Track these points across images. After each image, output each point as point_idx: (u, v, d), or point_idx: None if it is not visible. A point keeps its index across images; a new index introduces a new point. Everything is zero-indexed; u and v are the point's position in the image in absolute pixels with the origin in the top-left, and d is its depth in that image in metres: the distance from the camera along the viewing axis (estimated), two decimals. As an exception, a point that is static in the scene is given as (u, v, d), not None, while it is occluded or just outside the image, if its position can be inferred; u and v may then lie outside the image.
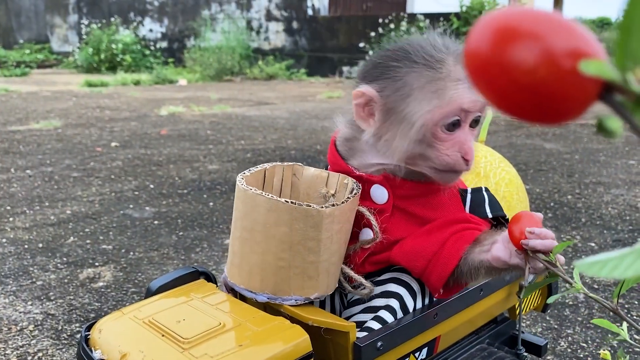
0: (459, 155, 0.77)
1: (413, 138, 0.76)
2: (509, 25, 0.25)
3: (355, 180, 0.83)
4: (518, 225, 0.72)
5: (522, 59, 0.24)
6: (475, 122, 0.78)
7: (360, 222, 0.84)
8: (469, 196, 0.87)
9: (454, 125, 0.76)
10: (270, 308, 0.79)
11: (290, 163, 0.89)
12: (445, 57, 0.75)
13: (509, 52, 0.24)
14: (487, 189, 0.88)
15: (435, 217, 0.83)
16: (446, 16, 8.87)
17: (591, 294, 0.58)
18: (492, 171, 1.04)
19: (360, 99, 0.79)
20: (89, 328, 0.75)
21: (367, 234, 0.85)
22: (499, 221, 0.89)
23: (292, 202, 0.73)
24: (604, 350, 1.44)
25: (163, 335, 0.70)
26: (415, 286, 0.85)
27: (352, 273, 0.83)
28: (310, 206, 0.73)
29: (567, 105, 0.24)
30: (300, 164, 0.89)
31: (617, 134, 0.24)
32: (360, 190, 0.81)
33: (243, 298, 0.80)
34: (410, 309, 0.84)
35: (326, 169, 0.93)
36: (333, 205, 0.75)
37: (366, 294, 0.83)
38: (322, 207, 0.74)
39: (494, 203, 0.87)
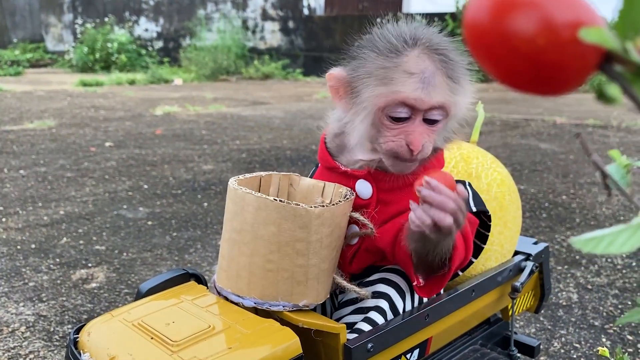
0: (404, 143, 0.77)
1: (366, 120, 0.79)
2: None
3: (349, 189, 0.83)
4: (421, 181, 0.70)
5: (522, 27, 0.24)
6: (430, 121, 0.77)
7: (350, 223, 0.84)
8: None
9: (400, 119, 0.77)
10: (261, 310, 0.78)
11: (286, 173, 0.89)
12: (404, 47, 0.76)
13: (508, 21, 0.24)
14: (469, 184, 0.88)
15: None
16: (442, 16, 8.88)
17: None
18: (483, 172, 1.04)
19: (331, 81, 0.83)
20: (77, 330, 0.75)
21: (354, 229, 0.85)
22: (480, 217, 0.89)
23: (280, 201, 0.73)
24: (602, 347, 1.44)
25: (152, 338, 0.69)
26: (404, 286, 0.85)
27: (345, 283, 0.82)
28: (299, 205, 0.73)
29: (566, 74, 0.24)
30: (297, 174, 0.90)
31: (617, 101, 0.24)
32: (353, 196, 0.81)
33: (235, 303, 0.79)
34: (400, 310, 0.84)
35: (317, 167, 0.94)
36: (323, 206, 0.74)
37: (363, 295, 0.83)
38: (311, 207, 0.73)
39: (477, 198, 0.88)
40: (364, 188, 0.85)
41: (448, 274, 0.81)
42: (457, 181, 0.87)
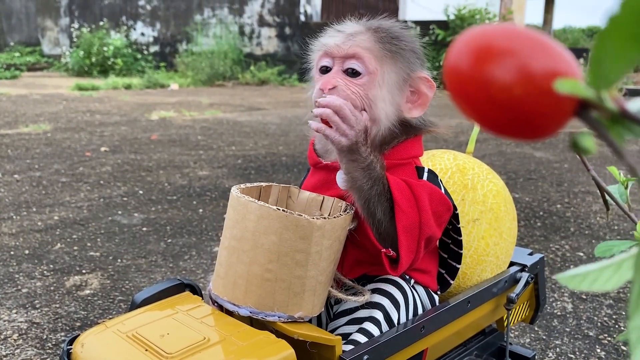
0: (317, 88, 0.82)
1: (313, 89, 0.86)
2: (486, 42, 0.25)
3: (349, 204, 0.83)
4: None
5: (499, 77, 0.24)
6: (350, 72, 0.82)
7: None
8: (425, 174, 0.88)
9: (326, 69, 0.84)
10: (256, 321, 0.78)
11: (286, 185, 0.90)
12: (340, 23, 0.86)
13: (486, 69, 0.24)
14: (441, 180, 0.90)
15: None
16: (437, 23, 8.93)
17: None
18: (479, 183, 1.04)
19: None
20: (71, 342, 0.74)
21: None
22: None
23: (283, 210, 0.73)
24: None
25: (146, 350, 0.69)
26: (399, 297, 0.85)
27: (341, 295, 0.82)
28: (301, 216, 0.73)
29: (543, 122, 0.25)
30: (296, 186, 0.92)
31: (591, 151, 0.24)
32: (353, 210, 0.81)
33: (229, 311, 0.79)
34: (395, 320, 0.84)
35: (308, 171, 0.96)
36: (325, 218, 0.75)
37: (362, 301, 0.83)
38: (313, 218, 0.74)
39: (448, 194, 0.89)
40: (343, 178, 0.87)
41: (403, 240, 0.78)
42: (430, 170, 0.89)
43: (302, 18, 10.21)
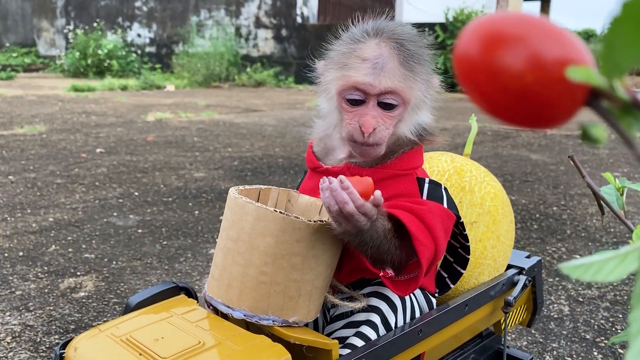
0: (357, 126, 0.81)
1: (331, 103, 0.85)
2: (497, 30, 0.24)
3: None
4: None
5: (510, 64, 0.24)
6: (385, 105, 0.81)
7: None
8: (426, 185, 0.88)
9: (356, 102, 0.81)
10: (252, 325, 0.77)
11: (285, 189, 0.90)
12: (364, 36, 0.82)
13: (497, 57, 0.24)
14: (445, 188, 0.89)
15: (390, 199, 0.84)
16: (433, 26, 8.95)
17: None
18: (477, 185, 1.03)
19: (318, 69, 0.91)
20: (64, 346, 0.73)
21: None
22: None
23: (280, 212, 0.72)
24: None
25: (140, 354, 0.68)
26: (397, 301, 0.85)
27: (337, 300, 0.82)
28: (298, 218, 0.72)
29: (554, 110, 0.24)
30: (295, 190, 0.91)
31: (601, 142, 0.24)
32: None
33: (224, 315, 0.78)
34: (392, 324, 0.83)
35: (305, 173, 0.95)
36: (322, 221, 0.74)
37: (359, 308, 0.82)
38: (310, 221, 0.73)
39: (452, 203, 0.88)
40: None
41: (420, 267, 0.77)
42: (432, 181, 0.88)
43: (299, 20, 10.21)
